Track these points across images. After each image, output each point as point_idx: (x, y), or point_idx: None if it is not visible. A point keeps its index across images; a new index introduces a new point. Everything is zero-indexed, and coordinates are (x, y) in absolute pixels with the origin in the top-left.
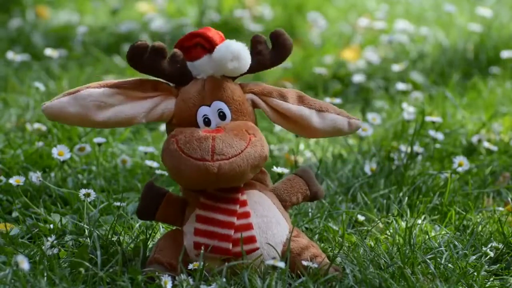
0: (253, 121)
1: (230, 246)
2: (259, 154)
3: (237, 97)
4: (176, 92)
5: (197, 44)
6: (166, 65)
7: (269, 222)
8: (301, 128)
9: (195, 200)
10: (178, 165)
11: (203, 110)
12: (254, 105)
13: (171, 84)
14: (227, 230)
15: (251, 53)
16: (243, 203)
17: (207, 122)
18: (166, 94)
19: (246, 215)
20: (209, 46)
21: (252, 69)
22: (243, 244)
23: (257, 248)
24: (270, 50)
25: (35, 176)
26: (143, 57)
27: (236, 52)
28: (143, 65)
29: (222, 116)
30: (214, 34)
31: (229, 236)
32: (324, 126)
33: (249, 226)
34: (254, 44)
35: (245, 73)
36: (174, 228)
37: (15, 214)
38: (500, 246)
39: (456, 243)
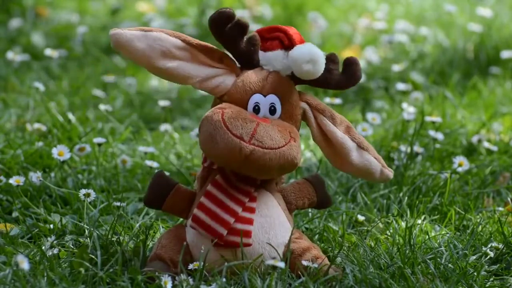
0: (298, 129)
1: (225, 232)
2: (292, 158)
3: (293, 100)
4: (239, 71)
5: (276, 38)
6: (242, 43)
7: (272, 223)
8: (337, 156)
9: (206, 185)
10: (215, 135)
11: (257, 98)
12: (304, 116)
13: (236, 63)
14: (228, 217)
15: None
16: (253, 199)
17: (256, 110)
18: (229, 70)
19: (251, 210)
20: (288, 43)
21: (314, 82)
22: (238, 236)
23: (250, 244)
24: (340, 73)
25: (35, 176)
26: (225, 26)
27: (315, 56)
28: (222, 34)
29: (272, 110)
30: (295, 33)
31: (228, 223)
32: (358, 163)
33: (249, 221)
34: (328, 61)
35: (305, 83)
36: (177, 225)
37: (15, 214)
38: (500, 246)
39: (456, 243)
